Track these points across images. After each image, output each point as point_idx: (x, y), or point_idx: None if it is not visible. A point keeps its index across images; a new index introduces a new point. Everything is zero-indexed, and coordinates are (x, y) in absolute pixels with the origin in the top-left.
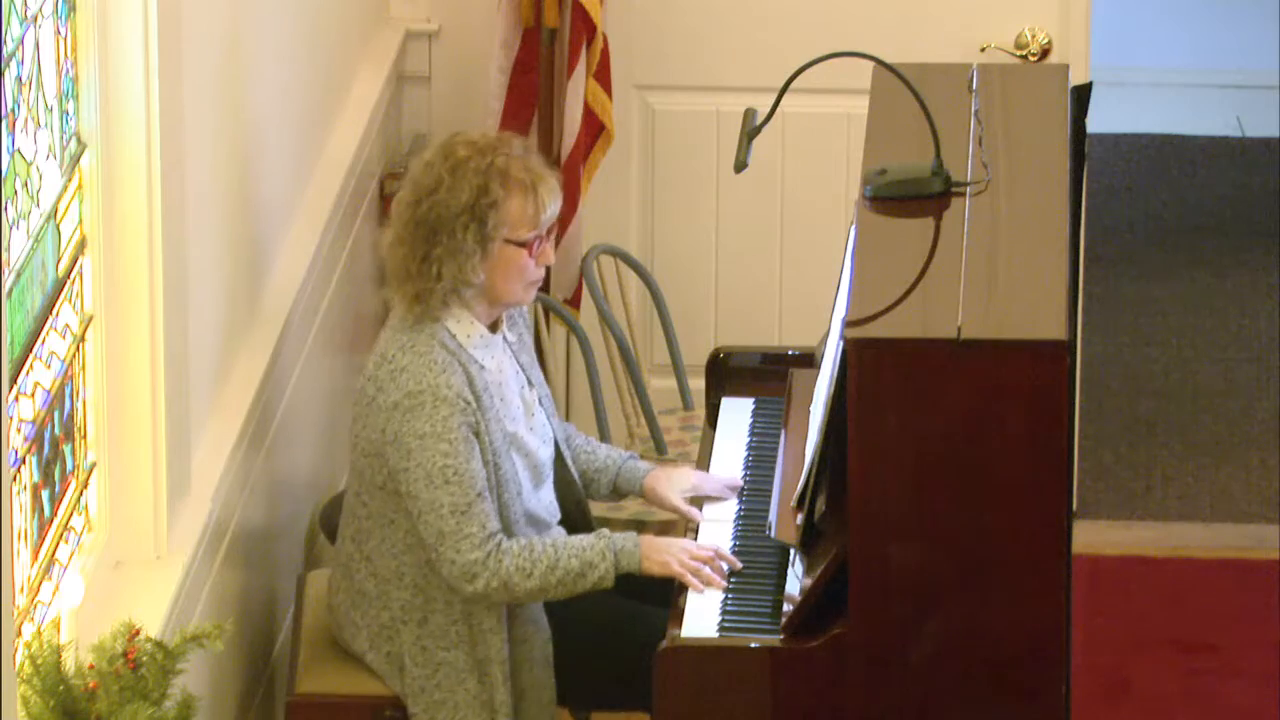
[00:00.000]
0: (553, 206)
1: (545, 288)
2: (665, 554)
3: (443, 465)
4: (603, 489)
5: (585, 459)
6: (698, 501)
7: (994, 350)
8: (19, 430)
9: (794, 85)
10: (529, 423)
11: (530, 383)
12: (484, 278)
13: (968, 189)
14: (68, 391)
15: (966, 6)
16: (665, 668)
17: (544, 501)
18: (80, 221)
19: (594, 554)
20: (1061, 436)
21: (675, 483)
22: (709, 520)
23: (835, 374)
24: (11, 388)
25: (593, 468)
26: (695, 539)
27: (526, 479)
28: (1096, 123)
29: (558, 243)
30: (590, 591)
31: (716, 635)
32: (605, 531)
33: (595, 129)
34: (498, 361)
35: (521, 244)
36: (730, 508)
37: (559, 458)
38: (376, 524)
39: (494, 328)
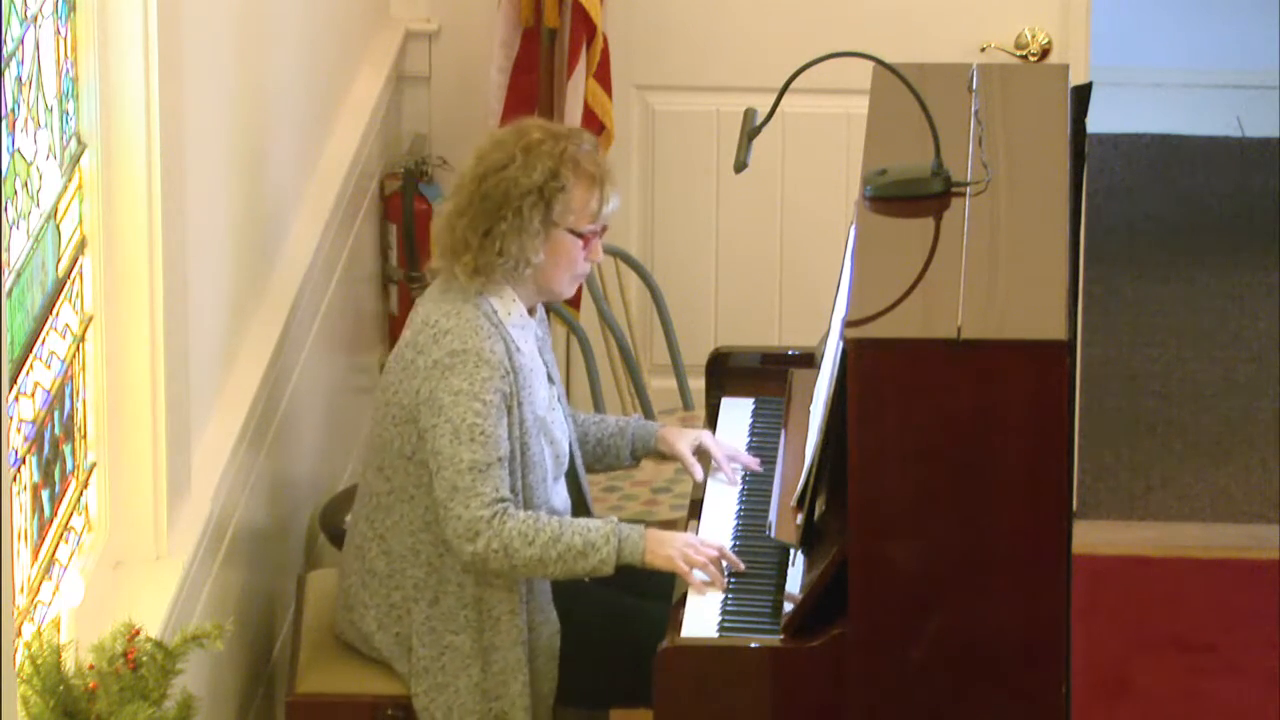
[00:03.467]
0: (613, 204)
1: None
2: (669, 548)
3: (471, 423)
4: (623, 453)
5: (597, 428)
6: (702, 461)
7: (994, 350)
8: (19, 430)
9: (794, 85)
10: (550, 416)
11: (551, 379)
12: (543, 258)
13: (968, 189)
14: (68, 391)
15: (966, 6)
16: (665, 668)
17: (560, 496)
18: (80, 221)
19: (598, 536)
20: (1061, 436)
21: (686, 435)
22: (709, 523)
23: (835, 374)
24: (11, 388)
25: (607, 434)
26: (698, 532)
27: (551, 468)
28: (1096, 123)
29: None
30: (589, 575)
31: (716, 635)
32: (614, 518)
33: (595, 129)
34: (530, 348)
35: (579, 235)
36: (731, 507)
37: (570, 459)
38: (397, 499)
39: (530, 313)
